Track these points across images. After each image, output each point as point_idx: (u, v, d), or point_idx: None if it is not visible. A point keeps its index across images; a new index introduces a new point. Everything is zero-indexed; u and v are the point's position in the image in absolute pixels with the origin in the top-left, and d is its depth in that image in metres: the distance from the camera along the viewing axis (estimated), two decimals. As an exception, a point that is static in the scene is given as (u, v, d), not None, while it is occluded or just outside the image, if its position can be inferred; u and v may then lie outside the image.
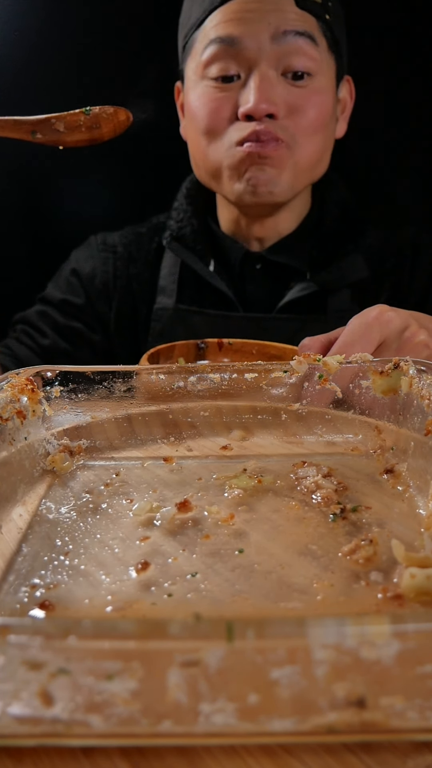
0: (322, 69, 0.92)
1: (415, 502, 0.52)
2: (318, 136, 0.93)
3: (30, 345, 1.03)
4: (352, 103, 1.03)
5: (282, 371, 0.62)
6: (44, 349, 1.03)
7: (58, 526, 0.50)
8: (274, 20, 0.88)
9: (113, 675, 0.30)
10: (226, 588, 0.42)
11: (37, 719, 0.32)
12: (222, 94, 0.91)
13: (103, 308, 1.07)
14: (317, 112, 0.92)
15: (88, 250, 1.10)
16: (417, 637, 0.30)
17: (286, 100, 0.89)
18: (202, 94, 0.93)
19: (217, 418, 0.64)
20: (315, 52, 0.90)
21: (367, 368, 0.60)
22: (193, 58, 0.95)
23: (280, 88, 0.89)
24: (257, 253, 1.02)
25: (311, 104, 0.91)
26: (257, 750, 0.34)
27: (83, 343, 1.06)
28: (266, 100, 0.87)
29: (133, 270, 1.07)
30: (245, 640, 0.29)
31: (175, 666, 0.30)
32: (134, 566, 0.45)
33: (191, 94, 0.95)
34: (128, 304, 1.07)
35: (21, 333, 1.04)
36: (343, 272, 0.99)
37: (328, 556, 0.46)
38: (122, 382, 0.62)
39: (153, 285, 1.06)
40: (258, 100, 0.87)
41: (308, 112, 0.91)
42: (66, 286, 1.07)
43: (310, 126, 0.91)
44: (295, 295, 0.98)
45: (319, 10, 0.90)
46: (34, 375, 0.60)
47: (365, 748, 0.34)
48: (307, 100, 0.91)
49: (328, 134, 0.96)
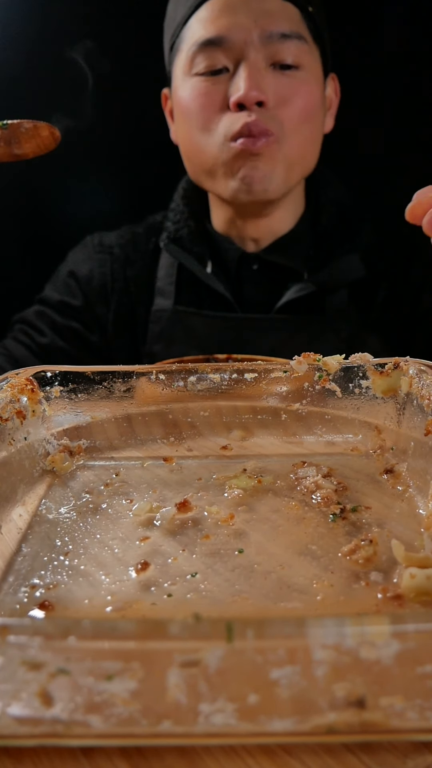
0: (310, 62, 0.93)
1: (414, 502, 0.52)
2: (306, 127, 0.94)
3: (27, 344, 1.03)
4: (337, 100, 1.04)
5: (282, 371, 0.62)
6: (42, 348, 1.03)
7: (58, 526, 0.50)
8: (260, 18, 0.88)
9: (113, 675, 0.30)
10: (226, 588, 0.42)
11: (37, 719, 0.32)
12: (211, 87, 0.92)
13: (101, 310, 1.07)
14: (305, 102, 0.92)
15: (85, 251, 1.10)
16: (417, 638, 0.30)
17: (275, 89, 0.90)
18: (191, 88, 0.93)
19: (217, 418, 0.64)
20: (303, 48, 0.91)
21: (367, 368, 0.60)
22: (180, 57, 0.95)
23: (269, 78, 0.90)
24: (254, 254, 1.02)
25: (299, 94, 0.92)
26: (257, 750, 0.34)
27: (81, 344, 1.06)
28: (256, 87, 0.88)
29: (131, 272, 1.07)
30: (245, 640, 0.29)
31: (175, 666, 0.30)
32: (134, 566, 0.45)
33: (180, 91, 0.96)
34: (126, 306, 1.07)
35: (19, 332, 1.04)
36: (340, 272, 0.99)
37: (328, 556, 0.46)
38: (122, 382, 0.62)
39: (151, 286, 1.06)
40: (248, 87, 0.87)
41: (296, 101, 0.91)
42: (64, 287, 1.07)
43: (299, 116, 0.92)
44: (293, 296, 0.98)
45: (302, 2, 0.91)
46: (34, 375, 0.60)
47: (365, 749, 0.34)
48: (296, 90, 0.91)
49: (316, 126, 0.96)
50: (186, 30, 0.93)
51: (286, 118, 0.91)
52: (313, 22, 0.93)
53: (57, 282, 1.09)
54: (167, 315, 1.02)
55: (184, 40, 0.94)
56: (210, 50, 0.90)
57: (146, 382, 0.62)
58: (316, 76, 0.95)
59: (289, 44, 0.89)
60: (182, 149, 1.01)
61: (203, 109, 0.92)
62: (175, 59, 0.97)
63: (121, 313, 1.07)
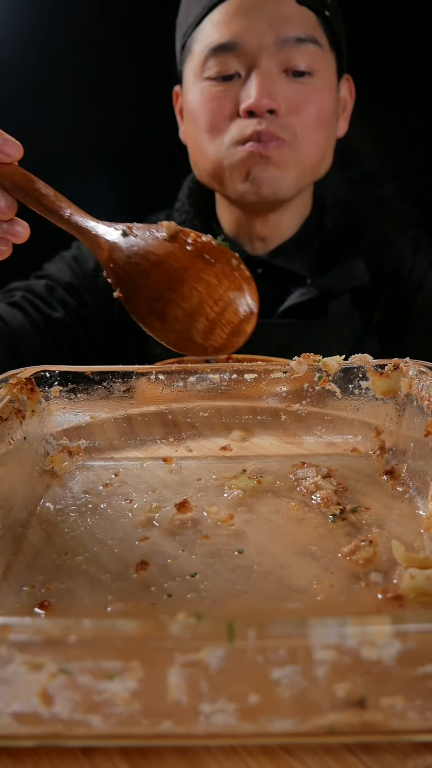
0: (324, 67, 0.92)
1: (414, 503, 0.52)
2: (319, 134, 0.93)
3: (31, 314, 0.97)
4: (352, 102, 1.03)
5: (282, 371, 0.62)
6: (50, 322, 0.98)
7: (57, 526, 0.50)
8: (275, 22, 0.87)
9: (113, 675, 0.30)
10: (226, 588, 0.42)
11: (37, 719, 0.32)
12: (222, 92, 0.91)
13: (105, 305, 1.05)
14: (318, 110, 0.91)
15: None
16: (417, 638, 0.30)
17: (287, 96, 0.89)
18: (201, 92, 0.92)
19: (217, 418, 0.64)
20: (318, 53, 0.90)
21: (366, 369, 0.60)
22: (192, 59, 0.94)
23: (282, 85, 0.89)
24: (258, 257, 1.02)
25: (312, 101, 0.91)
26: (257, 750, 0.34)
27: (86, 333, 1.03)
28: (268, 95, 0.87)
29: None
30: (246, 640, 0.29)
31: (176, 666, 0.30)
32: (134, 566, 0.44)
33: (190, 94, 0.95)
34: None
35: (22, 300, 0.98)
36: (344, 277, 0.99)
37: (327, 556, 0.45)
38: (122, 382, 0.62)
39: None
40: (260, 95, 0.86)
41: (309, 109, 0.90)
42: (70, 272, 1.04)
43: (312, 123, 0.91)
44: (296, 300, 0.98)
45: (319, 6, 0.90)
46: (34, 375, 0.60)
47: (365, 749, 0.34)
48: (309, 98, 0.90)
49: (330, 132, 0.96)
50: (199, 31, 0.92)
51: (299, 126, 0.90)
52: (330, 26, 0.92)
53: (60, 264, 1.06)
54: None
55: (196, 41, 0.93)
56: (222, 55, 0.89)
57: (146, 382, 0.62)
58: (330, 82, 0.94)
59: (303, 49, 0.88)
60: (190, 151, 1.00)
61: (212, 114, 0.91)
62: (187, 60, 0.96)
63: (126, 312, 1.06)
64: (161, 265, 0.44)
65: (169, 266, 0.44)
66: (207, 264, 0.44)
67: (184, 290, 0.43)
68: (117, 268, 0.47)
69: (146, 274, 0.44)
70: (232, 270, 0.45)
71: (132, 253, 0.45)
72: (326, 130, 0.94)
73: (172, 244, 0.45)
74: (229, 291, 0.43)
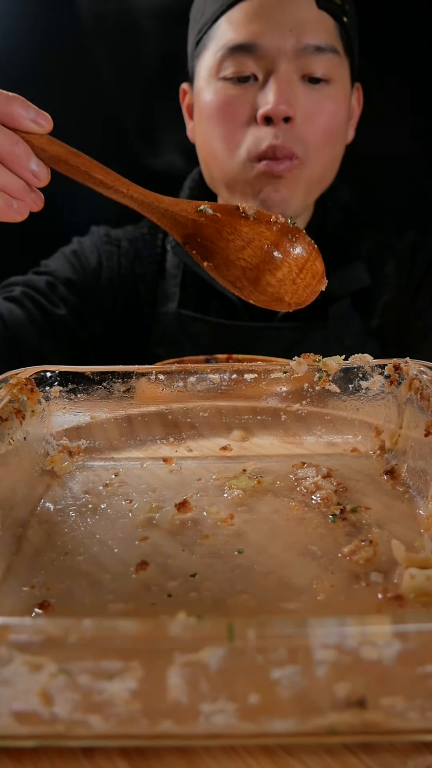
0: (340, 75, 0.91)
1: (414, 502, 0.52)
2: (329, 148, 0.92)
3: (31, 310, 0.95)
4: (359, 110, 1.02)
5: (282, 371, 0.62)
6: (51, 319, 0.96)
7: (57, 526, 0.50)
8: (295, 27, 0.86)
9: (113, 675, 0.30)
10: (226, 588, 0.42)
11: (38, 719, 0.32)
12: (239, 95, 0.89)
13: (107, 304, 1.04)
14: (331, 119, 0.90)
15: (91, 239, 1.07)
16: (418, 638, 0.30)
17: (303, 104, 0.88)
18: (216, 93, 0.91)
19: (217, 418, 0.64)
20: (335, 62, 0.89)
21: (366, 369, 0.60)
22: (206, 57, 0.92)
23: (299, 91, 0.88)
24: None
25: (326, 110, 0.90)
26: (257, 750, 0.34)
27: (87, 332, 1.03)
28: (285, 101, 0.85)
29: (139, 269, 1.05)
30: (246, 640, 0.29)
31: (176, 666, 0.30)
32: (134, 566, 0.44)
33: (204, 94, 0.93)
34: (133, 305, 1.05)
35: (22, 296, 0.96)
36: (345, 280, 0.99)
37: (327, 556, 0.45)
38: (121, 382, 0.62)
39: (156, 287, 1.04)
40: (277, 101, 0.85)
41: (323, 118, 0.89)
42: (71, 269, 1.03)
43: (323, 135, 0.90)
44: None
45: (338, 12, 0.89)
46: (33, 375, 0.60)
47: (365, 749, 0.34)
48: (323, 106, 0.89)
49: (339, 144, 0.95)
50: (215, 29, 0.90)
51: (311, 137, 0.89)
52: (347, 32, 0.91)
53: (61, 260, 1.04)
54: (170, 318, 1.01)
55: (212, 40, 0.91)
56: (240, 56, 0.87)
57: (146, 382, 0.62)
58: (344, 90, 0.93)
59: (322, 57, 0.87)
60: (201, 154, 0.99)
61: (228, 121, 0.90)
62: (201, 58, 0.94)
63: (128, 311, 1.05)
64: (254, 242, 0.52)
65: (262, 243, 0.52)
66: (290, 240, 0.52)
67: (276, 262, 0.52)
68: (206, 243, 0.53)
69: (241, 250, 0.52)
70: (307, 243, 0.53)
71: (223, 230, 0.53)
72: (336, 142, 0.94)
73: (259, 223, 0.52)
74: (308, 261, 0.53)
